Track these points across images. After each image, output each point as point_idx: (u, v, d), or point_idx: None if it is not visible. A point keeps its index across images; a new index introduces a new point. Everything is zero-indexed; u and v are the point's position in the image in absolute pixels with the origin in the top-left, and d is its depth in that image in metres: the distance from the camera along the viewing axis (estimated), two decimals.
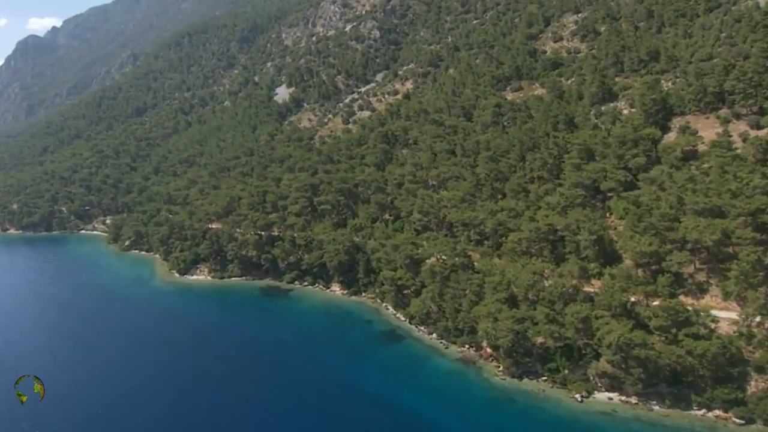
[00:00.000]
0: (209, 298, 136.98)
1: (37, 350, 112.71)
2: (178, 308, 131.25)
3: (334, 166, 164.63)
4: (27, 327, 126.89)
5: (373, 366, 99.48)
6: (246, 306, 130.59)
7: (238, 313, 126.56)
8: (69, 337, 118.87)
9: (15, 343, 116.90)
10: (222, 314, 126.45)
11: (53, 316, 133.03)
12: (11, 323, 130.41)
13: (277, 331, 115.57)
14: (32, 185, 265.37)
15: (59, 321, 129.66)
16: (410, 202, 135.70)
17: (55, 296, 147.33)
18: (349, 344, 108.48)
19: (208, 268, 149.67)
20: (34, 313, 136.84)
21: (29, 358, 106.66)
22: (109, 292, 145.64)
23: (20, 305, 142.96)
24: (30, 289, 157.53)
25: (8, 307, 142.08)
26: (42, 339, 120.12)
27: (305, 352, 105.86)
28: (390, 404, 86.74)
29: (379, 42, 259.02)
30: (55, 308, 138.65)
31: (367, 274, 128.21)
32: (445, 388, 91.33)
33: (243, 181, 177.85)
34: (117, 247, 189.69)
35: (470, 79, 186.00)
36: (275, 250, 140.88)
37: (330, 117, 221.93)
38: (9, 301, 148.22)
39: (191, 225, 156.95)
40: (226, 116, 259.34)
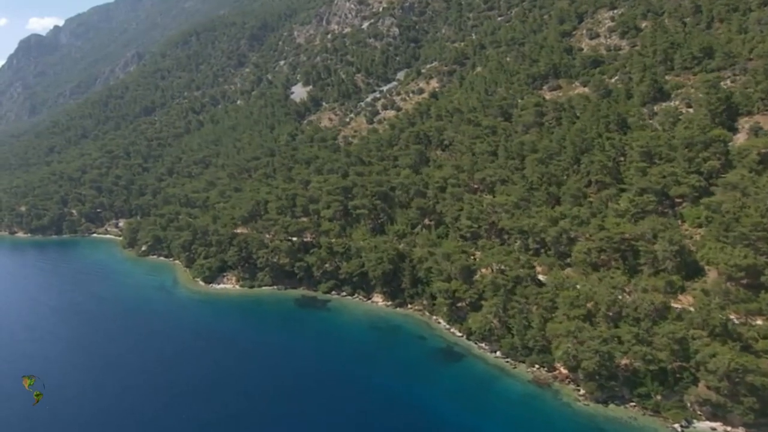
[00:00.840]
0: (241, 309, 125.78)
1: (65, 370, 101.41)
2: (209, 321, 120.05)
3: (366, 168, 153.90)
4: (51, 343, 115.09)
5: (436, 388, 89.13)
6: (282, 319, 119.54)
7: (275, 327, 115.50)
8: (96, 355, 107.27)
9: (40, 359, 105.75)
10: (257, 328, 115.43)
11: (76, 330, 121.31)
12: (33, 336, 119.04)
13: (321, 348, 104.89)
14: (40, 187, 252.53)
15: (83, 335, 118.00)
16: (456, 207, 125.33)
17: (76, 307, 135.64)
18: (403, 363, 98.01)
19: (236, 277, 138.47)
20: (56, 326, 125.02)
21: (57, 378, 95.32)
22: (132, 302, 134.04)
23: (40, 317, 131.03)
24: (47, 298, 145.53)
25: (28, 320, 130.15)
26: (67, 356, 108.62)
27: (356, 373, 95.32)
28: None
29: (399, 39, 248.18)
30: (77, 321, 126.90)
31: (413, 284, 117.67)
32: (522, 413, 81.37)
33: (267, 184, 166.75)
34: (133, 252, 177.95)
35: (503, 78, 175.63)
36: (310, 258, 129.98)
37: (352, 116, 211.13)
38: (27, 312, 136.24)
39: (216, 230, 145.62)
40: (241, 115, 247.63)
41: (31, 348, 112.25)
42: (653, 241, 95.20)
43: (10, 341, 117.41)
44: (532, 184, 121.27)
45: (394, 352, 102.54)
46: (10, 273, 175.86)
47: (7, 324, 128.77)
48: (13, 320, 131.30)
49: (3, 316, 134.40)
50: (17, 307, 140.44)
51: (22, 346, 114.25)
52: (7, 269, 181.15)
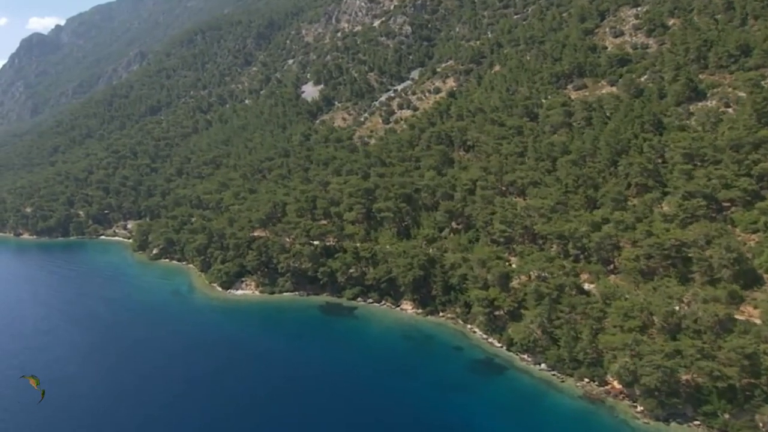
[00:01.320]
0: (263, 317, 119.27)
1: (88, 386, 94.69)
2: (232, 331, 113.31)
3: (387, 169, 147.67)
4: (68, 354, 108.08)
5: (479, 403, 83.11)
6: (308, 327, 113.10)
7: (302, 336, 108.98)
8: (118, 368, 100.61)
9: (59, 372, 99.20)
10: (284, 338, 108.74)
11: (93, 339, 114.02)
12: (49, 344, 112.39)
13: (353, 359, 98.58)
14: (45, 187, 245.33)
15: (102, 345, 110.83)
16: (487, 210, 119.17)
17: (90, 313, 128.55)
18: (441, 375, 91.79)
19: (256, 282, 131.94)
20: (72, 334, 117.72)
21: (82, 398, 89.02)
22: (147, 309, 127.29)
23: (54, 324, 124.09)
24: (60, 304, 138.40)
25: (42, 326, 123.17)
26: (88, 369, 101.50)
27: (392, 386, 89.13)
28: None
29: (411, 38, 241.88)
30: (93, 329, 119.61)
31: (445, 291, 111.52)
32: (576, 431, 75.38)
33: (284, 185, 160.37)
34: (145, 256, 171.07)
35: (524, 77, 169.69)
36: (334, 263, 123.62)
37: (366, 116, 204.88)
38: (40, 318, 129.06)
39: (233, 233, 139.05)
40: (251, 115, 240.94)
41: (48, 357, 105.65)
42: (706, 247, 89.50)
43: (26, 348, 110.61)
44: (567, 187, 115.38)
45: (429, 363, 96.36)
46: (18, 277, 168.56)
47: (21, 330, 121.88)
48: (27, 326, 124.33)
49: (16, 322, 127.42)
50: (30, 312, 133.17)
51: (39, 354, 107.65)
52: (16, 273, 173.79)
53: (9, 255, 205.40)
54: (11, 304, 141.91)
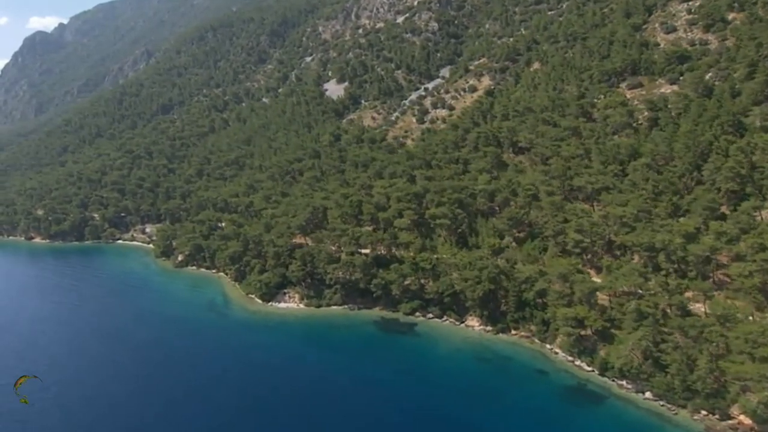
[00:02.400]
0: (314, 335, 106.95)
1: (129, 415, 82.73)
2: (279, 349, 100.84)
3: (435, 172, 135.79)
4: (103, 377, 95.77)
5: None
6: (367, 347, 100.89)
7: (362, 358, 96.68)
8: (158, 393, 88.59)
9: (96, 395, 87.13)
10: (341, 360, 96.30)
11: (129, 361, 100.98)
12: (81, 365, 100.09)
13: (425, 386, 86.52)
14: (57, 189, 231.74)
15: (139, 368, 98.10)
16: (558, 218, 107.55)
17: (119, 329, 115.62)
18: (529, 404, 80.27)
19: (300, 294, 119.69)
20: (104, 354, 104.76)
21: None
22: (182, 325, 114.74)
23: (83, 343, 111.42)
24: (86, 319, 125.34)
25: (72, 345, 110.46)
26: (127, 396, 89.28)
27: (473, 417, 77.30)
28: None
29: (438, 35, 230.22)
30: (126, 349, 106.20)
31: (518, 307, 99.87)
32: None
33: (321, 188, 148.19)
34: (169, 263, 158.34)
35: (570, 75, 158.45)
36: (389, 274, 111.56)
37: (397, 115, 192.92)
38: (68, 336, 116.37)
39: (272, 241, 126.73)
40: (272, 114, 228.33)
41: (82, 379, 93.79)
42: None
43: (58, 370, 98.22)
44: (649, 194, 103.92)
45: (512, 389, 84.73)
46: (37, 286, 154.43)
47: (49, 349, 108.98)
48: (54, 344, 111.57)
49: (42, 341, 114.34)
50: (55, 329, 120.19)
51: (73, 373, 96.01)
52: (33, 281, 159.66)
53: (23, 261, 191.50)
54: (34, 318, 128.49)
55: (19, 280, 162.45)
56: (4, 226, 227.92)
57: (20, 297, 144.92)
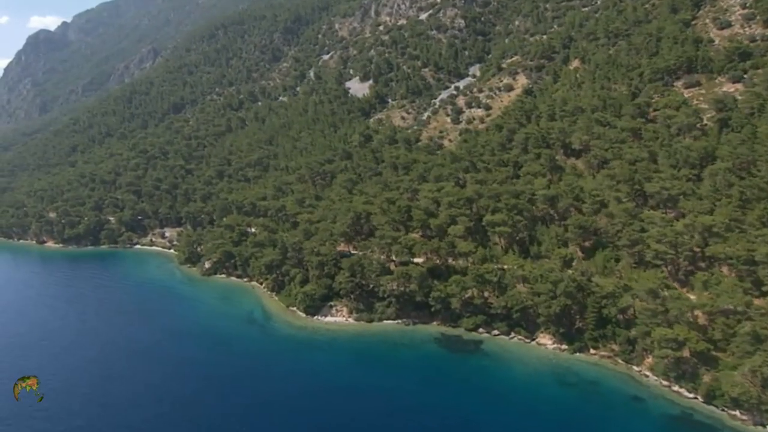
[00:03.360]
0: (372, 354, 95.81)
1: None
2: (338, 372, 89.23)
3: (485, 176, 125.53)
4: (130, 402, 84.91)
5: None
6: (435, 369, 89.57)
7: (431, 381, 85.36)
8: (203, 428, 77.74)
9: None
10: (409, 384, 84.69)
11: (171, 384, 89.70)
12: (116, 388, 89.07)
13: (509, 415, 75.96)
14: (69, 190, 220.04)
15: (174, 393, 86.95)
16: (634, 227, 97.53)
17: (152, 347, 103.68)
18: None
19: (348, 307, 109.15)
20: (140, 374, 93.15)
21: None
22: (221, 341, 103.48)
23: (114, 360, 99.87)
24: (114, 333, 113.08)
25: (102, 366, 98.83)
26: (162, 427, 78.74)
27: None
28: None
29: (465, 32, 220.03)
30: (157, 368, 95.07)
31: (598, 324, 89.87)
32: None
33: (360, 191, 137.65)
34: (196, 271, 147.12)
35: (617, 73, 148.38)
36: (448, 287, 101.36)
37: (428, 114, 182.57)
38: (95, 352, 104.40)
39: (314, 249, 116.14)
40: (293, 112, 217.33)
41: (116, 403, 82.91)
42: None
43: (85, 390, 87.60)
44: (736, 200, 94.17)
45: (608, 420, 74.43)
46: (55, 295, 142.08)
47: (74, 367, 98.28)
48: (79, 362, 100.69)
49: (64, 355, 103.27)
50: (79, 345, 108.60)
51: (102, 395, 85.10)
52: (51, 291, 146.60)
53: (37, 267, 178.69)
54: (55, 332, 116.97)
55: (35, 289, 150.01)
56: (14, 229, 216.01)
57: (39, 309, 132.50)
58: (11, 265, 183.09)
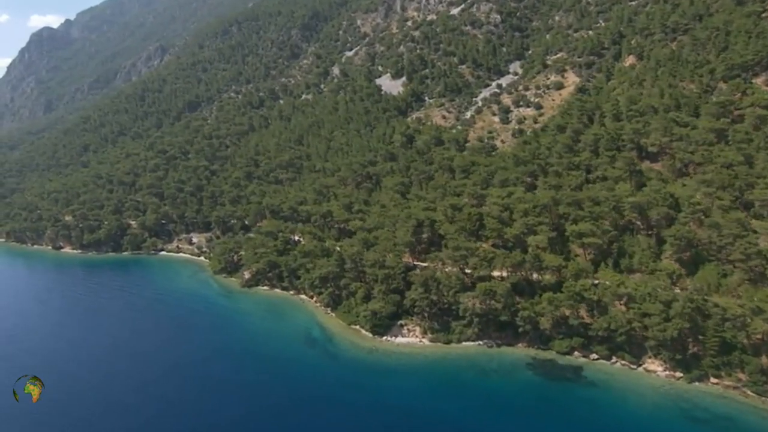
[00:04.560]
0: (460, 382, 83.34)
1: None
2: (427, 406, 76.92)
3: (558, 180, 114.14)
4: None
5: None
6: (537, 401, 77.86)
7: (538, 417, 73.48)
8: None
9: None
10: (514, 420, 73.32)
11: (226, 415, 78.36)
12: (169, 414, 77.02)
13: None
14: (86, 192, 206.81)
15: (246, 429, 75.73)
16: (749, 239, 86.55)
17: (198, 370, 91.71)
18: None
19: (421, 327, 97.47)
20: (186, 405, 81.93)
21: None
22: (281, 366, 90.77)
23: (157, 381, 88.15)
24: (147, 352, 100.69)
25: (140, 391, 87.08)
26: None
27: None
28: None
29: (501, 28, 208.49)
30: (213, 397, 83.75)
31: (723, 351, 78.77)
32: None
33: (417, 196, 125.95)
34: (234, 281, 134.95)
35: (684, 71, 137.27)
36: (538, 305, 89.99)
37: (472, 113, 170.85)
38: (136, 372, 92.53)
39: (378, 260, 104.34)
40: (322, 111, 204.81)
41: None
42: None
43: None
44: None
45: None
46: (83, 310, 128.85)
47: (116, 393, 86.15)
48: (120, 386, 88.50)
49: (100, 376, 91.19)
50: (117, 365, 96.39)
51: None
52: (77, 303, 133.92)
53: (59, 276, 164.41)
54: (86, 350, 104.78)
55: (60, 301, 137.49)
56: (28, 233, 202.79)
57: (67, 324, 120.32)
58: (31, 275, 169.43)
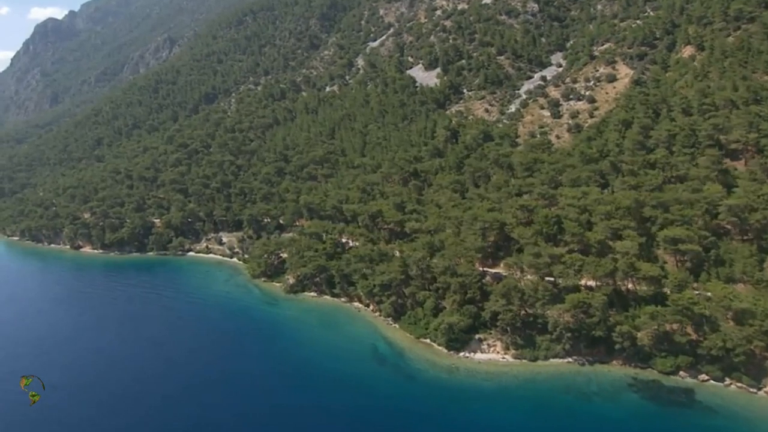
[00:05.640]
0: (558, 405, 73.66)
1: None
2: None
3: (638, 180, 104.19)
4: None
5: None
6: (650, 429, 69.38)
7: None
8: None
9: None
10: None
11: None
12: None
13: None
14: (104, 188, 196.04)
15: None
16: None
17: (259, 388, 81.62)
18: None
19: (503, 342, 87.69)
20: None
21: None
22: (348, 387, 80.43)
23: (224, 402, 78.38)
24: (196, 369, 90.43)
25: (220, 413, 77.21)
26: None
27: None
28: None
29: (539, 17, 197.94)
30: (294, 426, 73.90)
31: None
32: None
33: (480, 195, 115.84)
34: (277, 286, 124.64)
35: (757, 62, 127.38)
36: (637, 319, 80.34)
37: (517, 107, 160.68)
38: (199, 388, 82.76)
39: (449, 268, 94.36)
40: (352, 103, 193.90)
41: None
42: None
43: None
44: None
45: None
46: (124, 316, 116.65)
47: (171, 415, 76.35)
48: (174, 409, 78.77)
49: (165, 398, 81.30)
50: (166, 381, 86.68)
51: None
52: (113, 309, 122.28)
53: (83, 279, 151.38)
54: (128, 365, 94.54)
55: (90, 307, 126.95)
56: (44, 231, 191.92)
57: (104, 336, 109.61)
58: (54, 277, 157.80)
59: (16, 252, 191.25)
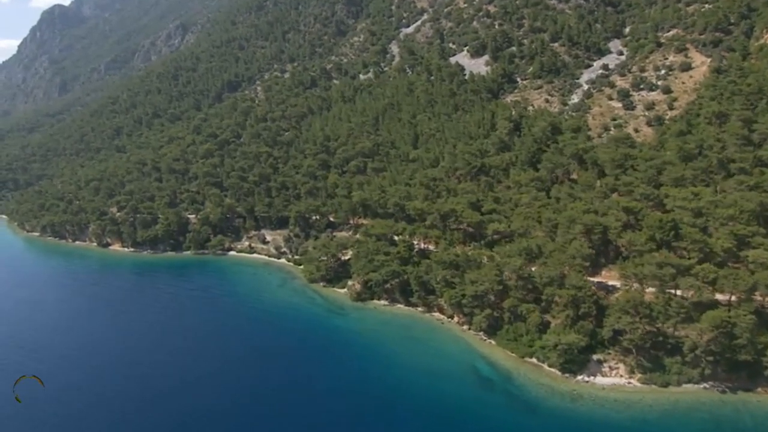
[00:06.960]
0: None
1: None
2: None
3: (752, 179, 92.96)
4: None
5: None
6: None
7: None
8: None
9: None
10: None
11: None
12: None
13: None
14: (129, 180, 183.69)
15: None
16: None
17: (350, 418, 71.62)
18: None
19: (626, 364, 76.79)
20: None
21: None
22: (457, 419, 70.02)
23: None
24: (290, 398, 79.47)
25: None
26: None
27: None
28: None
29: (592, 2, 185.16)
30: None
31: None
32: None
33: (574, 196, 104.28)
34: (342, 293, 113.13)
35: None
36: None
37: (581, 98, 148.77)
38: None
39: (556, 277, 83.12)
40: (394, 92, 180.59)
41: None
42: None
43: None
44: None
45: None
46: (180, 327, 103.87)
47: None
48: None
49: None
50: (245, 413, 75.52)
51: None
52: (163, 316, 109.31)
53: (116, 280, 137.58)
54: (192, 383, 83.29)
55: (134, 315, 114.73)
56: (68, 227, 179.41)
57: (158, 351, 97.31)
58: (89, 279, 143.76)
59: (38, 250, 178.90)
